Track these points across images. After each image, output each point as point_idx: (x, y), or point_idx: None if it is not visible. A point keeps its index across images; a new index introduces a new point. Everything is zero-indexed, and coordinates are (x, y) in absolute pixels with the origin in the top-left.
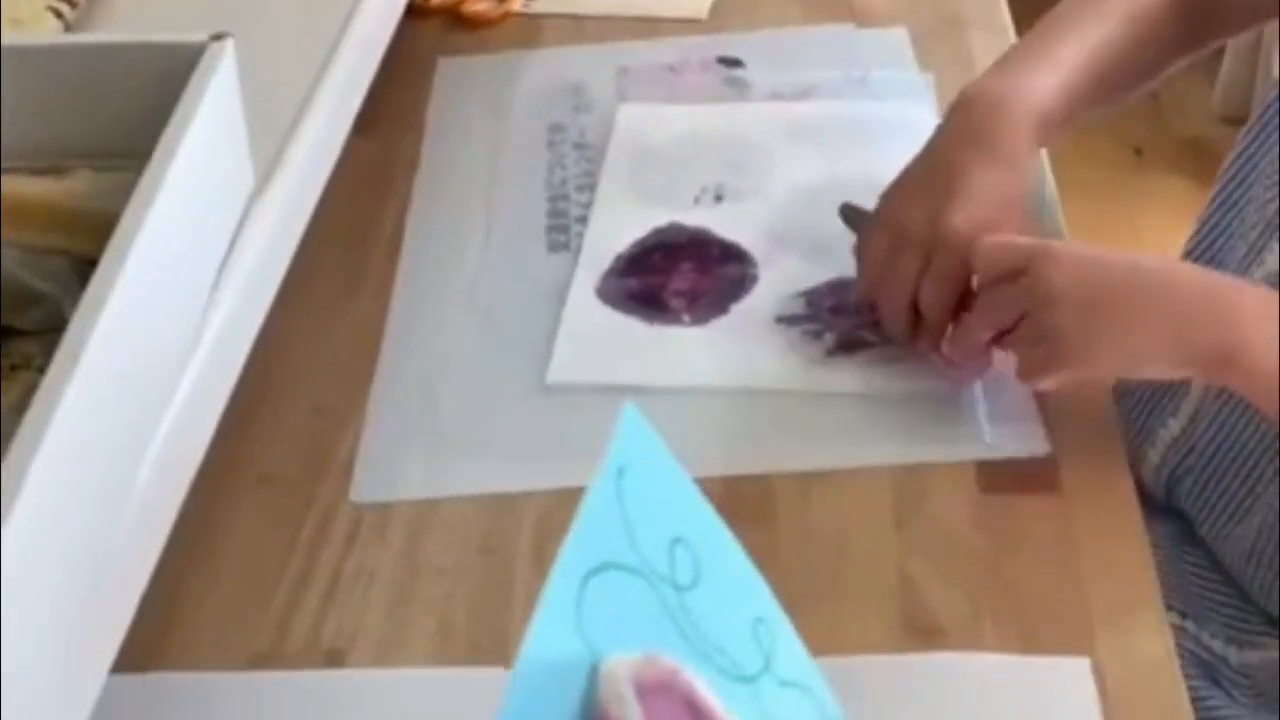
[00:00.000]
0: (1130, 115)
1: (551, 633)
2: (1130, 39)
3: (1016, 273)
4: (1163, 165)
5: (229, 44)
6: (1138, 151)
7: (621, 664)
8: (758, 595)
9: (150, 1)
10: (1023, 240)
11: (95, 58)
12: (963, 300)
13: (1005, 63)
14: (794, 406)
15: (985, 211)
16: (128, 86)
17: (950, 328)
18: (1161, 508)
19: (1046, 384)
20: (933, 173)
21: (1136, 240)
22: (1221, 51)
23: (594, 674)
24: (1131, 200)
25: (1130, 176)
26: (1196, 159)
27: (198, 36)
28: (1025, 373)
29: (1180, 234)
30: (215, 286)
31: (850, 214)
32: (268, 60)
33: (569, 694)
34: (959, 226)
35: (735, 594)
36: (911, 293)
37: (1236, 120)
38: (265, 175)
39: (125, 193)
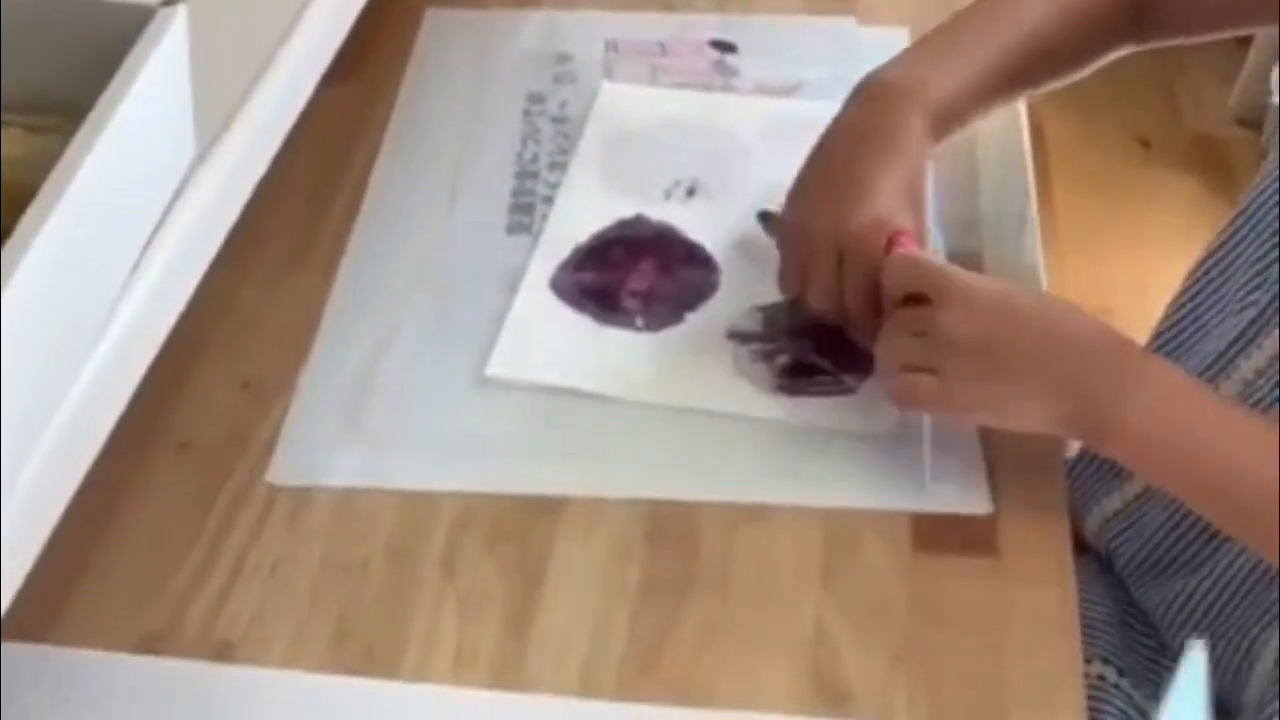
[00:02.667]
0: (1141, 106)
1: None
2: (1058, 27)
3: (922, 298)
4: (1171, 161)
5: (180, 10)
6: (1145, 144)
7: None
8: None
9: None
10: (930, 267)
11: (43, 8)
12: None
13: (910, 53)
14: (733, 433)
15: (886, 207)
16: (73, 43)
17: None
18: (1105, 561)
19: (915, 411)
20: (832, 171)
21: (1139, 239)
22: (1244, 49)
23: None
24: (1136, 195)
25: (1136, 170)
26: (1206, 157)
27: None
28: (902, 396)
29: (1184, 234)
30: (143, 254)
31: (768, 219)
32: (231, 20)
33: None
34: (863, 224)
35: None
36: (837, 293)
37: (1251, 123)
38: (209, 143)
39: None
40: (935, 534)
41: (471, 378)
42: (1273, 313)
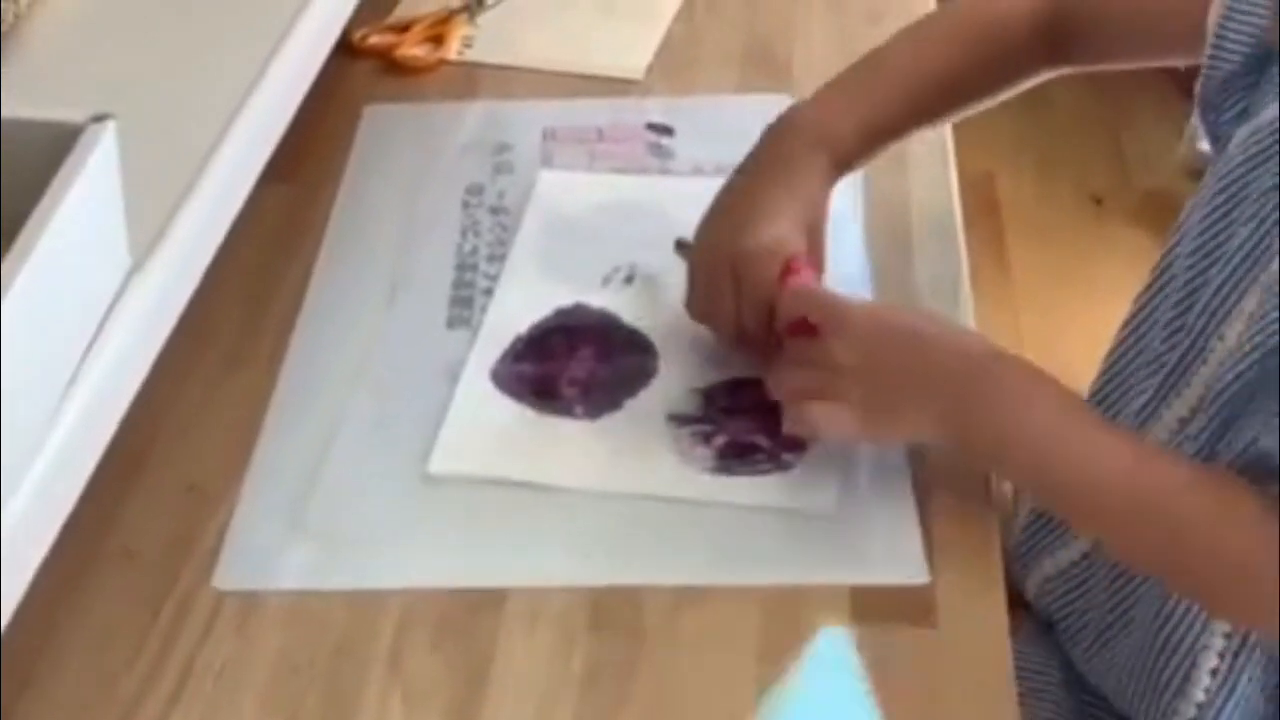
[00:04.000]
0: (1092, 164)
1: None
2: (969, 59)
3: (811, 327)
4: (1123, 216)
5: (109, 126)
6: (1098, 201)
7: None
8: None
9: (67, 46)
10: (820, 298)
11: None
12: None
13: (825, 89)
14: (675, 515)
15: (780, 233)
16: (2, 160)
17: None
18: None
19: (812, 436)
20: (735, 197)
21: (1093, 293)
22: (1190, 101)
23: None
24: (1089, 250)
25: (1089, 226)
26: (1157, 212)
27: (77, 116)
28: (798, 423)
29: (1137, 287)
30: (79, 368)
31: (683, 247)
32: (163, 128)
33: None
34: (756, 248)
35: None
36: (734, 316)
37: (1200, 175)
38: (144, 254)
39: None
40: (874, 605)
41: (414, 473)
42: (1180, 372)
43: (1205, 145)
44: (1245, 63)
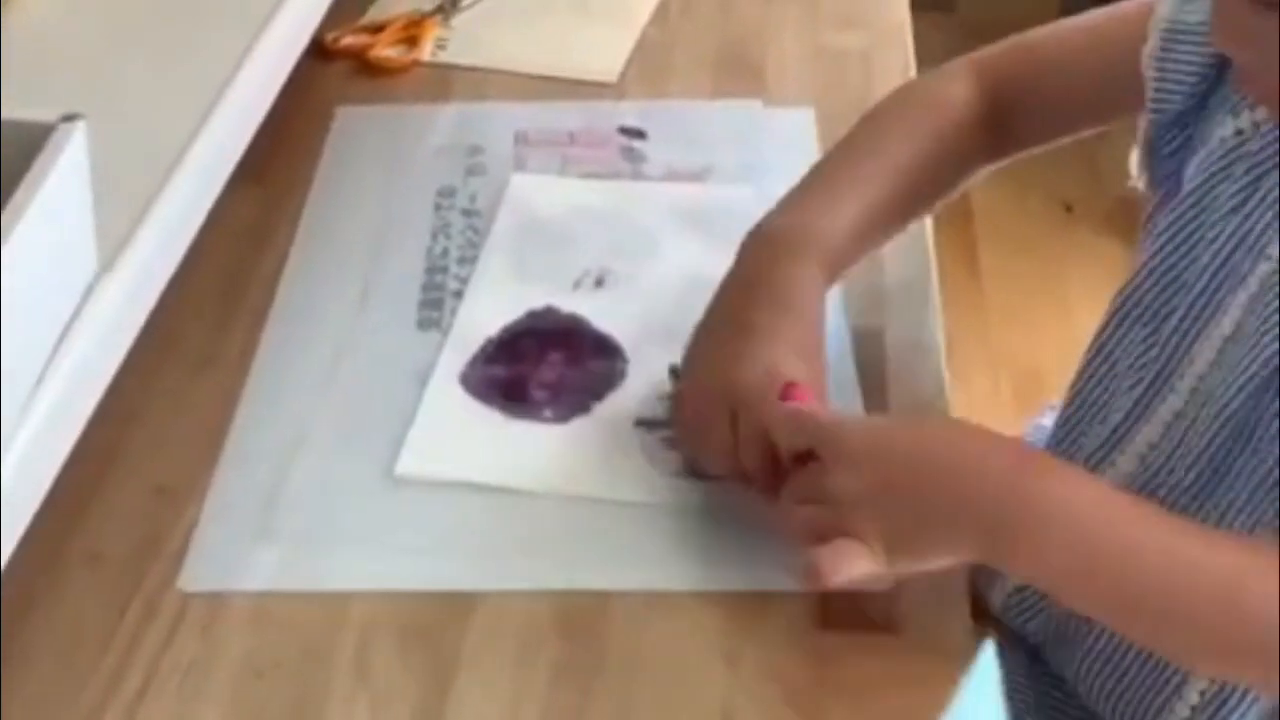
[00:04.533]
0: (1063, 171)
1: None
2: (921, 161)
3: (811, 454)
4: (1093, 223)
5: (79, 126)
6: (1068, 208)
7: None
8: None
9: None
10: (813, 424)
11: None
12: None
13: (796, 197)
14: (643, 520)
15: (779, 362)
16: None
17: None
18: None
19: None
20: (726, 326)
21: (1065, 300)
22: None
23: None
24: (1060, 257)
25: (1060, 233)
26: (1128, 218)
27: (47, 115)
28: (825, 573)
29: (1108, 294)
30: (47, 368)
31: (676, 374)
32: (134, 128)
33: None
34: (753, 378)
35: None
36: (732, 452)
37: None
38: (113, 255)
39: None
40: (839, 612)
41: (383, 476)
42: (1159, 385)
43: (1140, 184)
44: (1190, 96)
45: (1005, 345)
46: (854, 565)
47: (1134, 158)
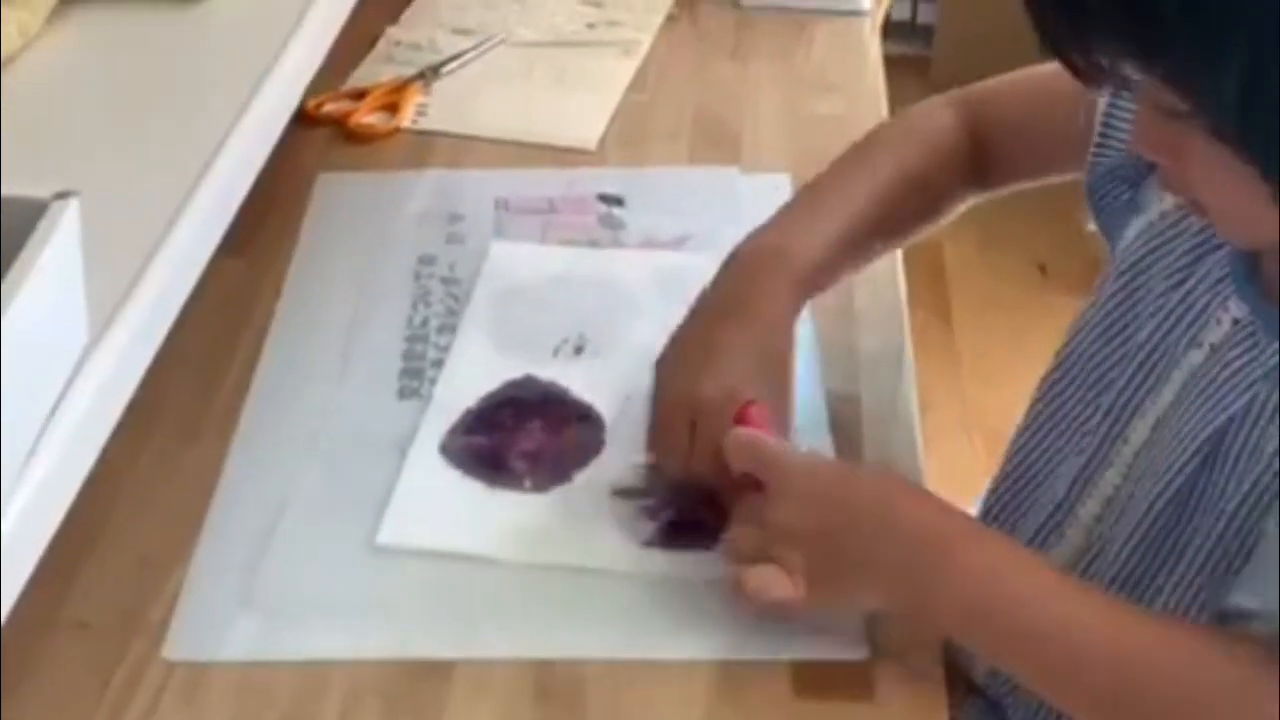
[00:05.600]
0: (1037, 232)
1: None
2: (907, 187)
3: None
4: (1067, 284)
5: (72, 203)
6: (1042, 269)
7: None
8: None
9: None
10: (766, 452)
11: None
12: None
13: (781, 217)
14: (619, 589)
15: (740, 377)
16: None
17: None
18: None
19: (766, 610)
20: (694, 337)
21: (1039, 362)
22: None
23: None
24: (1034, 318)
25: (1034, 293)
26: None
27: (41, 193)
28: (751, 596)
29: None
30: (38, 441)
31: None
32: (122, 203)
33: None
34: (712, 395)
35: None
36: (687, 459)
37: None
38: (102, 328)
39: None
40: (814, 680)
41: (363, 545)
42: (1100, 458)
43: (1093, 226)
44: (1128, 154)
45: (979, 406)
46: (773, 591)
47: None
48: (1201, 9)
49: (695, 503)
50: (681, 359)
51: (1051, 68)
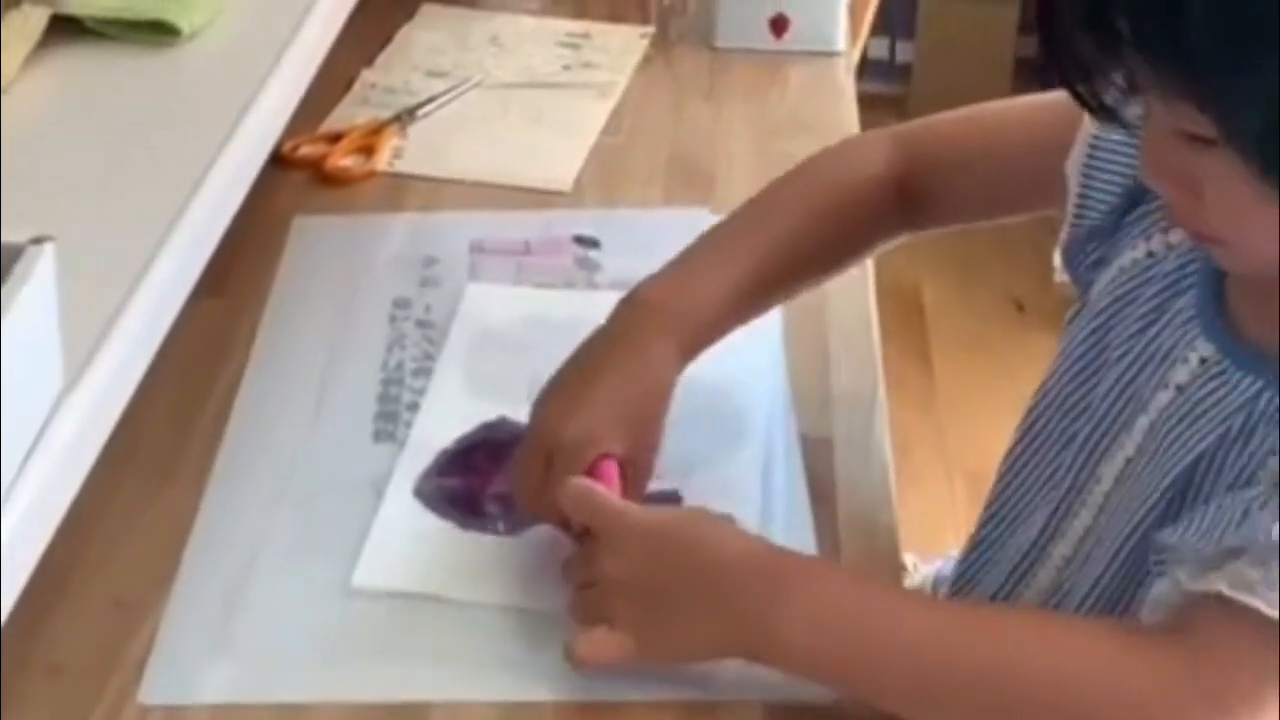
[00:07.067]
0: (1014, 270)
1: None
2: (818, 229)
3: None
4: (1045, 322)
5: (47, 248)
6: (1020, 307)
7: None
8: None
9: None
10: (596, 504)
11: None
12: None
13: (676, 265)
14: None
15: (605, 426)
16: None
17: None
18: None
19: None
20: (572, 380)
21: (1016, 400)
22: None
23: None
24: (1009, 356)
25: (1010, 331)
26: None
27: (17, 238)
28: (583, 660)
29: None
30: (13, 485)
31: None
32: (98, 247)
33: None
34: (573, 438)
35: None
36: (537, 499)
37: None
38: (77, 372)
39: None
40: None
41: (338, 588)
42: (1072, 499)
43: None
44: (1110, 214)
45: (958, 446)
46: (604, 654)
47: (1056, 258)
48: (1236, 32)
49: None
50: (553, 398)
51: (1000, 106)
